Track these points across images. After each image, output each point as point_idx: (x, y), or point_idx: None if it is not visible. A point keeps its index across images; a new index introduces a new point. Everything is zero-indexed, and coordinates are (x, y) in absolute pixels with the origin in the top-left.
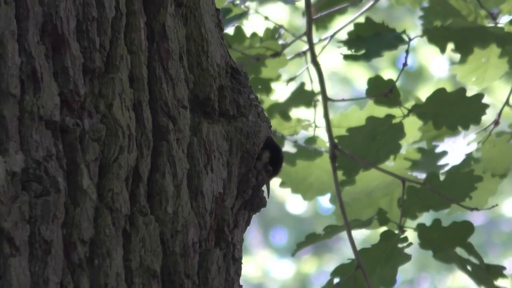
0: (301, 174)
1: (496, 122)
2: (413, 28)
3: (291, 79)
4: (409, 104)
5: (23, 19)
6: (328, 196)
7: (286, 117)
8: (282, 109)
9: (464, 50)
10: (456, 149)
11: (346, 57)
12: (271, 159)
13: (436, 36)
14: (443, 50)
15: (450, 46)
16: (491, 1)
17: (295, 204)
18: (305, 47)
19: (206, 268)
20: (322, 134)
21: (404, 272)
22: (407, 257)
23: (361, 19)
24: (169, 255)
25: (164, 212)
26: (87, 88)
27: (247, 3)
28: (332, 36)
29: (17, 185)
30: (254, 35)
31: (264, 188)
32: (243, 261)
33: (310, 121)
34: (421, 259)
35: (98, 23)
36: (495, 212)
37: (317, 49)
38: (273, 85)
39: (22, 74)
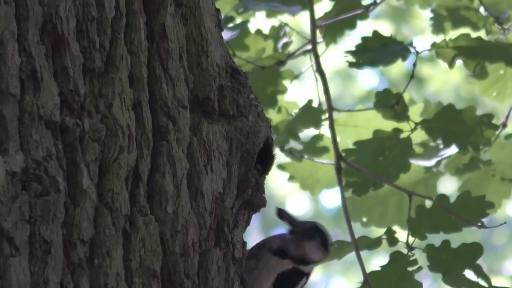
0: (308, 170)
1: (504, 125)
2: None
3: (295, 77)
4: (416, 115)
5: (23, 19)
6: (329, 195)
7: (295, 136)
8: (290, 127)
9: (473, 66)
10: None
11: (352, 64)
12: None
13: (444, 51)
14: (451, 65)
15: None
16: (502, 4)
17: (296, 204)
18: (309, 46)
19: (206, 268)
20: (327, 132)
21: None
22: (419, 285)
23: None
24: (169, 255)
25: (164, 212)
26: (87, 88)
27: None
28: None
29: (17, 185)
30: (258, 32)
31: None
32: None
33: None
34: (421, 256)
35: (98, 23)
36: (496, 213)
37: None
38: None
39: (22, 74)
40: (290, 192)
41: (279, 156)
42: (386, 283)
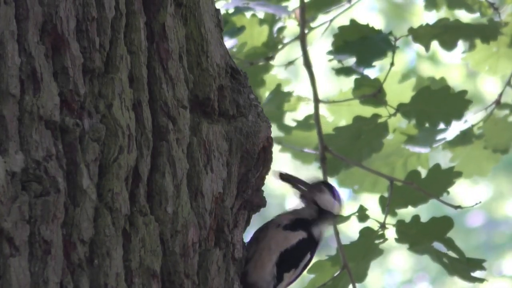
0: (301, 142)
1: (498, 102)
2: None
3: (289, 63)
4: (396, 103)
5: (23, 19)
6: None
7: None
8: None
9: (449, 46)
10: (455, 126)
11: (339, 71)
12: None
13: (421, 35)
14: (427, 48)
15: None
16: None
17: (295, 203)
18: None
19: (206, 268)
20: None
21: (403, 271)
22: (380, 252)
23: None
24: (169, 255)
25: (164, 212)
26: (87, 88)
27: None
28: (325, 28)
29: (17, 185)
30: (253, 16)
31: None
32: None
33: (310, 99)
34: (419, 259)
35: (98, 23)
36: (495, 213)
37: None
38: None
39: (22, 74)
40: (288, 191)
41: None
42: (355, 256)
